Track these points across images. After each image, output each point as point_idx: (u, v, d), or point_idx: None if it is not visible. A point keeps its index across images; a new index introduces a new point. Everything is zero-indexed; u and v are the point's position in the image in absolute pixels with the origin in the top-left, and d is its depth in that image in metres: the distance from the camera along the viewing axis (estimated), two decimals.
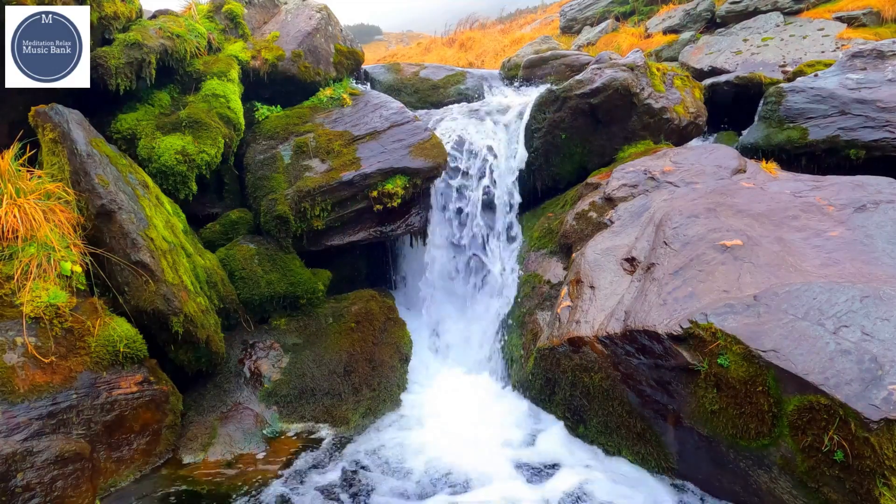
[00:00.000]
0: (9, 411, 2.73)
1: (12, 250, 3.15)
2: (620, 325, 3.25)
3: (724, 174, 4.38)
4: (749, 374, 2.68)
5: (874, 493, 2.34)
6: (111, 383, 3.18)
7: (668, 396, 3.07)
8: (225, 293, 4.08)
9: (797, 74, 5.99)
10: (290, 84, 5.39)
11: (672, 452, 3.13)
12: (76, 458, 2.84)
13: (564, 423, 3.70)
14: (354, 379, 4.12)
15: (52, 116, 3.53)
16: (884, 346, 2.49)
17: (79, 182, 3.43)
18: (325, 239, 4.67)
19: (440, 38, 16.47)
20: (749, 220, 3.58)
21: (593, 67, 5.36)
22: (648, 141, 5.35)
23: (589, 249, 4.05)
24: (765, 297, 2.89)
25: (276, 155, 4.80)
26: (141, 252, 3.39)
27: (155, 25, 4.55)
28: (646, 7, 11.66)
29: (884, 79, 4.86)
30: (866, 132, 4.55)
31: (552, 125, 5.27)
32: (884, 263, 3.06)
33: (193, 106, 4.52)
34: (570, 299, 3.86)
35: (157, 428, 3.40)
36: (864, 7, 8.18)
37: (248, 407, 3.83)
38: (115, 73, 4.11)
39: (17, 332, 2.95)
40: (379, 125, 5.04)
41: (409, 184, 4.67)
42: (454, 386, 4.43)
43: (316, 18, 5.78)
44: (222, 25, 5.35)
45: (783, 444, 2.61)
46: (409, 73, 7.20)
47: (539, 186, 5.44)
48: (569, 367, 3.62)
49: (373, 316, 4.52)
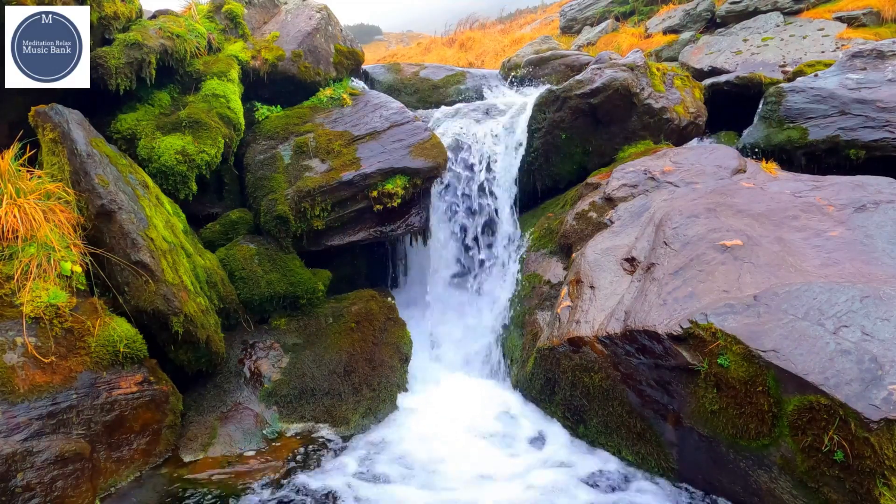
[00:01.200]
0: (9, 411, 2.73)
1: (12, 250, 3.15)
2: (620, 325, 3.25)
3: (724, 174, 4.38)
4: (749, 374, 2.68)
5: (874, 493, 2.34)
6: (111, 383, 3.18)
7: (668, 396, 3.07)
8: (225, 293, 4.08)
9: (797, 74, 5.99)
10: (290, 84, 5.39)
11: (672, 452, 3.13)
12: (76, 458, 2.84)
13: (564, 424, 3.70)
14: (354, 379, 4.12)
15: (52, 116, 3.53)
16: (884, 346, 2.49)
17: (79, 182, 3.43)
18: (325, 239, 4.67)
19: (440, 38, 16.48)
20: (749, 220, 3.58)
21: (593, 67, 5.36)
22: (648, 141, 5.35)
23: (589, 249, 4.05)
24: (765, 297, 2.89)
25: (276, 155, 4.80)
26: (141, 252, 3.39)
27: (155, 25, 4.55)
28: (646, 7, 11.66)
29: (884, 79, 4.86)
30: (866, 132, 4.55)
31: (552, 125, 5.27)
32: (884, 263, 3.06)
33: (193, 106, 4.51)
34: (570, 299, 3.86)
35: (157, 428, 3.40)
36: (864, 7, 8.18)
37: (248, 407, 3.83)
38: (115, 73, 4.12)
39: (17, 332, 2.95)
40: (379, 125, 5.04)
41: (409, 184, 4.67)
42: (454, 386, 4.43)
43: (316, 18, 5.78)
44: (222, 25, 5.35)
45: (783, 444, 2.61)
46: (409, 73, 7.20)
47: (539, 186, 5.44)
48: (569, 367, 3.62)
49: (373, 316, 4.51)
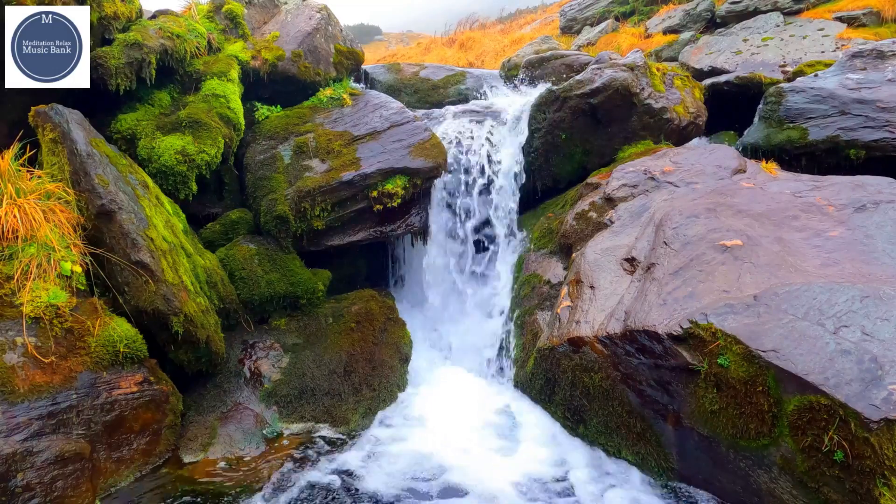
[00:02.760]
0: (9, 411, 2.73)
1: (12, 250, 3.15)
2: (620, 325, 3.25)
3: (724, 174, 4.38)
4: (749, 374, 2.68)
5: (874, 493, 2.34)
6: (111, 383, 3.18)
7: (668, 396, 3.07)
8: (225, 293, 4.08)
9: (797, 74, 5.99)
10: (290, 84, 5.39)
11: (672, 452, 3.13)
12: (76, 458, 2.84)
13: (564, 424, 3.70)
14: (354, 379, 4.12)
15: (52, 116, 3.53)
16: (884, 346, 2.49)
17: (79, 182, 3.43)
18: (325, 239, 4.67)
19: (440, 39, 16.48)
20: (749, 220, 3.58)
21: (593, 67, 5.36)
22: (648, 141, 5.35)
23: (589, 249, 4.05)
24: (765, 297, 2.89)
25: (276, 155, 4.80)
26: (141, 252, 3.39)
27: (155, 25, 4.55)
28: (646, 7, 11.65)
29: (884, 79, 4.86)
30: (866, 132, 4.55)
31: (552, 125, 5.27)
32: (884, 263, 3.06)
33: (193, 106, 4.51)
34: (570, 299, 3.86)
35: (157, 428, 3.40)
36: (864, 7, 8.18)
37: (248, 407, 3.83)
38: (115, 73, 4.12)
39: (17, 332, 2.95)
40: (379, 125, 5.04)
41: (409, 184, 4.67)
42: (454, 386, 4.43)
43: (316, 18, 5.78)
44: (222, 25, 5.35)
45: (783, 444, 2.61)
46: (409, 73, 7.20)
47: (539, 186, 5.44)
48: (569, 367, 3.62)
49: (373, 316, 4.51)
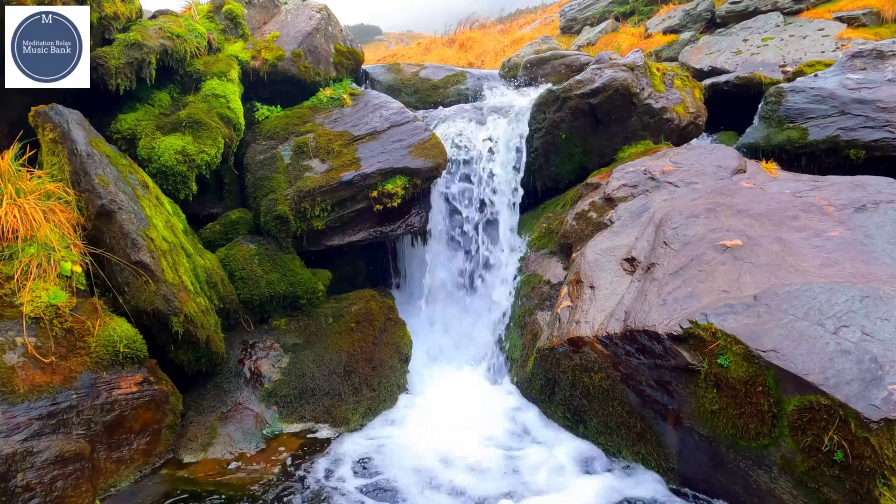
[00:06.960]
0: (9, 411, 2.73)
1: (12, 250, 3.15)
2: (620, 325, 3.25)
3: (724, 174, 4.38)
4: (749, 374, 2.68)
5: (874, 494, 2.34)
6: (111, 383, 3.18)
7: (668, 396, 3.07)
8: (225, 293, 4.08)
9: (797, 74, 5.99)
10: (290, 84, 5.39)
11: (672, 453, 3.13)
12: (76, 458, 2.84)
13: (564, 424, 3.70)
14: (354, 379, 4.12)
15: (52, 116, 3.53)
16: (884, 346, 2.49)
17: (79, 182, 3.43)
18: (325, 239, 4.67)
19: (440, 39, 16.49)
20: (749, 221, 3.58)
21: (593, 67, 5.36)
22: (648, 141, 5.35)
23: (589, 249, 4.05)
24: (765, 297, 2.89)
25: (276, 155, 4.80)
26: (141, 252, 3.39)
27: (155, 25, 4.55)
28: (646, 7, 11.66)
29: (884, 79, 4.86)
30: (866, 132, 4.55)
31: (552, 125, 5.27)
32: (884, 263, 3.06)
33: (193, 106, 4.51)
34: (570, 299, 3.86)
35: (157, 428, 3.40)
36: (864, 7, 8.19)
37: (248, 407, 3.83)
38: (115, 73, 4.12)
39: (17, 332, 2.95)
40: (379, 125, 5.04)
41: (409, 184, 4.67)
42: (454, 386, 4.43)
43: (316, 18, 5.78)
44: (222, 25, 5.35)
45: (783, 444, 2.61)
46: (409, 73, 7.20)
47: (539, 186, 5.44)
48: (569, 368, 3.62)
49: (373, 316, 4.51)
